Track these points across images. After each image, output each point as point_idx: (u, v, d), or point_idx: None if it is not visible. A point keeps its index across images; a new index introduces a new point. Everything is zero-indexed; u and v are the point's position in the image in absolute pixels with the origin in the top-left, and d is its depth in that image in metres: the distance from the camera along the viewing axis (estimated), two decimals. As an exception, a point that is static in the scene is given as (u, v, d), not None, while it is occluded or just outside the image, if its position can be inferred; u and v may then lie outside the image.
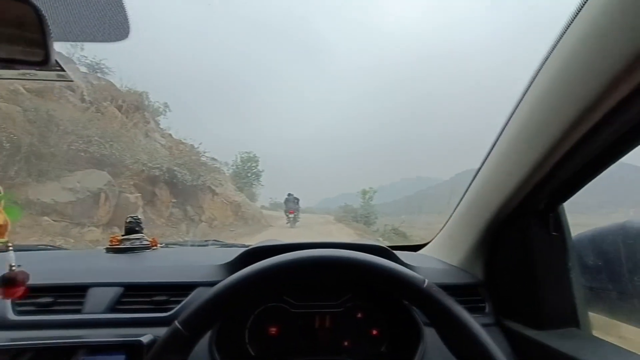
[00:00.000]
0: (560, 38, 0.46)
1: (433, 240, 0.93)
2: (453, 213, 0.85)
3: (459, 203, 0.81)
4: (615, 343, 0.56)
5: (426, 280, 0.36)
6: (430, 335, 0.63)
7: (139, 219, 0.94)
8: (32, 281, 0.68)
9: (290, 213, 10.99)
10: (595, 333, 0.62)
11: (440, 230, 0.92)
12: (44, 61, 0.30)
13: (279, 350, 0.71)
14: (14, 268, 0.35)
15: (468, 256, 0.77)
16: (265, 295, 0.73)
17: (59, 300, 0.66)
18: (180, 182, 7.91)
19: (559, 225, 0.63)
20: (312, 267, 0.37)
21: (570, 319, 0.63)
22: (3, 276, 0.35)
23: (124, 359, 0.55)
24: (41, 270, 0.75)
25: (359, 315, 0.75)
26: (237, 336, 0.71)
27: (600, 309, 0.64)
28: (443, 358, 0.62)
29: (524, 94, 0.56)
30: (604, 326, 0.64)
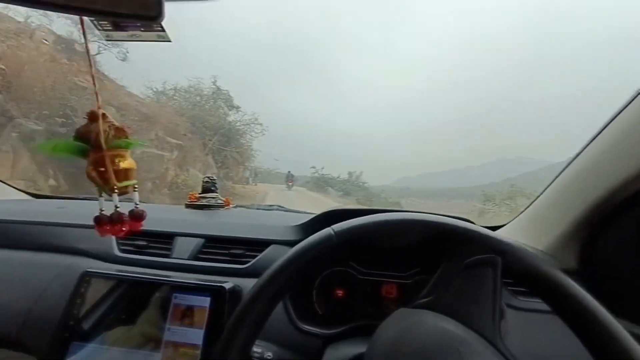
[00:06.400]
0: None
1: (512, 222, 0.85)
2: (543, 192, 0.76)
3: (552, 181, 0.72)
4: None
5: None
6: (513, 317, 0.59)
7: (214, 179, 1.01)
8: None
9: None
10: None
11: (521, 212, 0.84)
12: (157, 16, 0.30)
13: (345, 312, 0.73)
14: (137, 206, 0.39)
15: (559, 241, 0.69)
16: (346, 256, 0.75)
17: (151, 245, 0.75)
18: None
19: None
20: (455, 235, 0.38)
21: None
22: (132, 211, 0.39)
23: (209, 300, 0.60)
24: None
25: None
26: (305, 295, 0.74)
27: None
28: (523, 342, 0.58)
29: None
30: None
